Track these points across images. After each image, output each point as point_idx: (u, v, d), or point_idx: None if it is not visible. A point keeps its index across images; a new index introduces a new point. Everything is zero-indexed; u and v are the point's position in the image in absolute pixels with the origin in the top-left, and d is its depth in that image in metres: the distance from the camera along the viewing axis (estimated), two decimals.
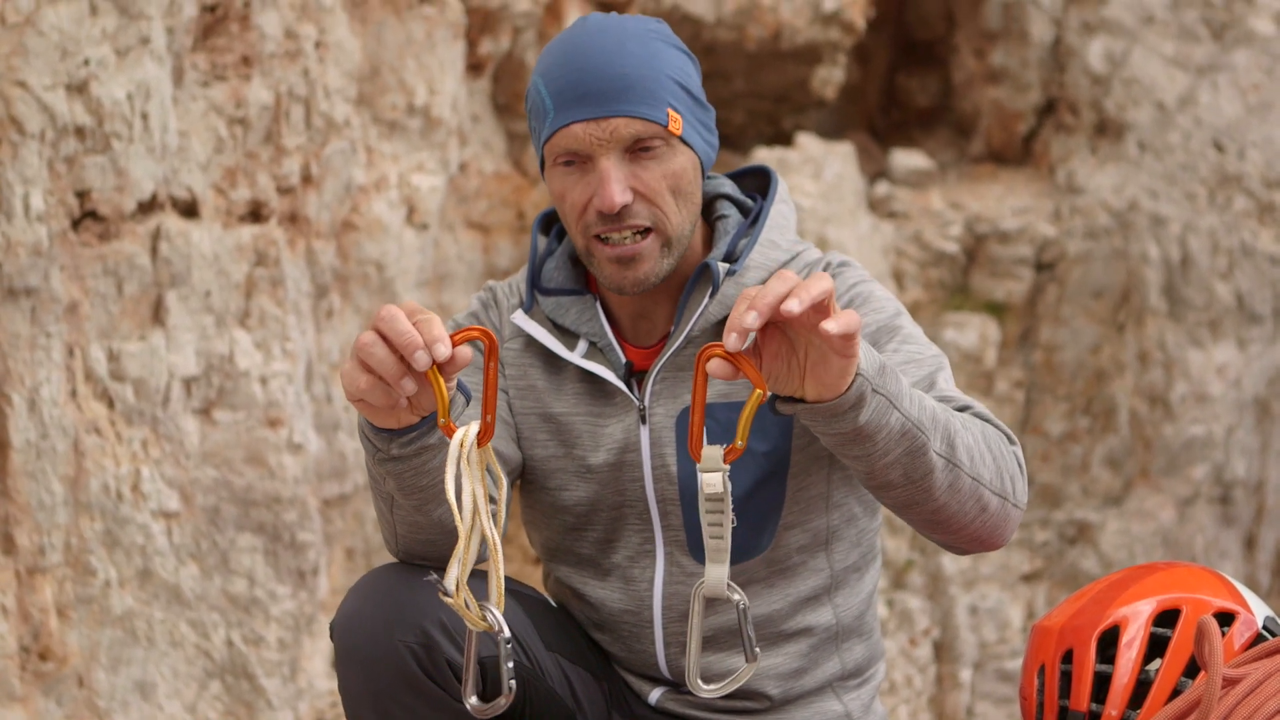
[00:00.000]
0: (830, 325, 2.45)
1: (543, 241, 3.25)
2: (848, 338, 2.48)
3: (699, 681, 2.60)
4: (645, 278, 3.00)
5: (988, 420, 2.91)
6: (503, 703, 2.63)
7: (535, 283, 3.21)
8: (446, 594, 2.58)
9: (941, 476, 2.71)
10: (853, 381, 2.56)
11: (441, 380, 2.58)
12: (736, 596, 2.57)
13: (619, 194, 2.94)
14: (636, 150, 2.97)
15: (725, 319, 3.10)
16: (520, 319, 3.17)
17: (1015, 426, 10.71)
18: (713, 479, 2.54)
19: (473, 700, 2.63)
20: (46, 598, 5.49)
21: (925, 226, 10.55)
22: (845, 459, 2.73)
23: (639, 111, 2.98)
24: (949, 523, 2.82)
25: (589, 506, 3.18)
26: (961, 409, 2.90)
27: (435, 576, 2.59)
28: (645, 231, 2.98)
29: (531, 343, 3.17)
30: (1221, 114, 10.95)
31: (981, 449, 2.77)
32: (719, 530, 2.58)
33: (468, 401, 2.80)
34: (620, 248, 2.97)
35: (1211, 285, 10.62)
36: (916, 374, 2.93)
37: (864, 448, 2.65)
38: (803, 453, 3.08)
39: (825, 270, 3.09)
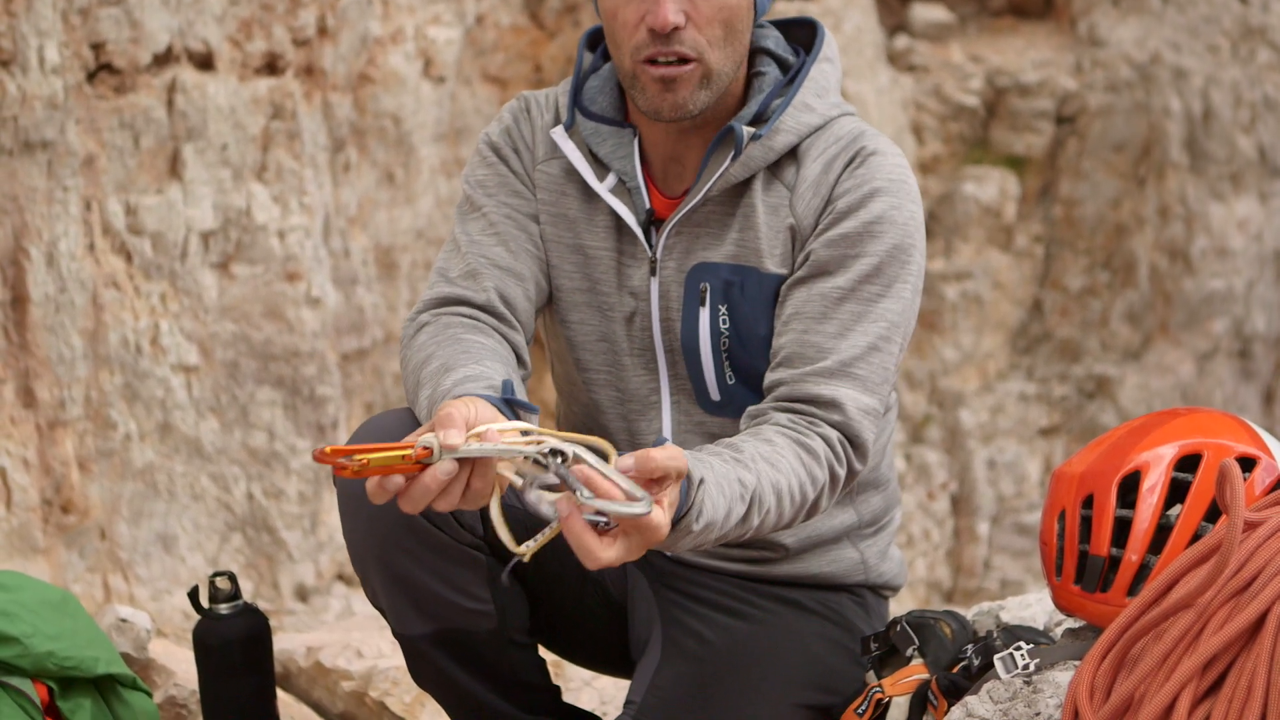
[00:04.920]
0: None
1: (588, 58, 3.21)
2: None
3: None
4: (683, 103, 2.95)
5: (843, 422, 2.88)
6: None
7: (577, 100, 3.17)
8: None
9: (744, 537, 2.77)
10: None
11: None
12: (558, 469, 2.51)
13: (673, 14, 2.90)
14: None
15: (747, 180, 3.07)
16: (559, 136, 3.13)
17: (1034, 281, 10.70)
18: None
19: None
20: (67, 451, 5.51)
21: (945, 80, 10.49)
22: None
23: None
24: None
25: (606, 347, 3.17)
26: (823, 403, 2.87)
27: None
28: (686, 61, 2.94)
29: (571, 168, 3.13)
30: None
31: (794, 505, 2.78)
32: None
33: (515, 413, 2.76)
34: (665, 69, 2.93)
35: (1233, 139, 10.57)
36: (839, 331, 2.90)
37: None
38: None
39: (854, 160, 3.04)
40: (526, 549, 2.46)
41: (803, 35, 3.23)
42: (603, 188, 3.14)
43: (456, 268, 3.12)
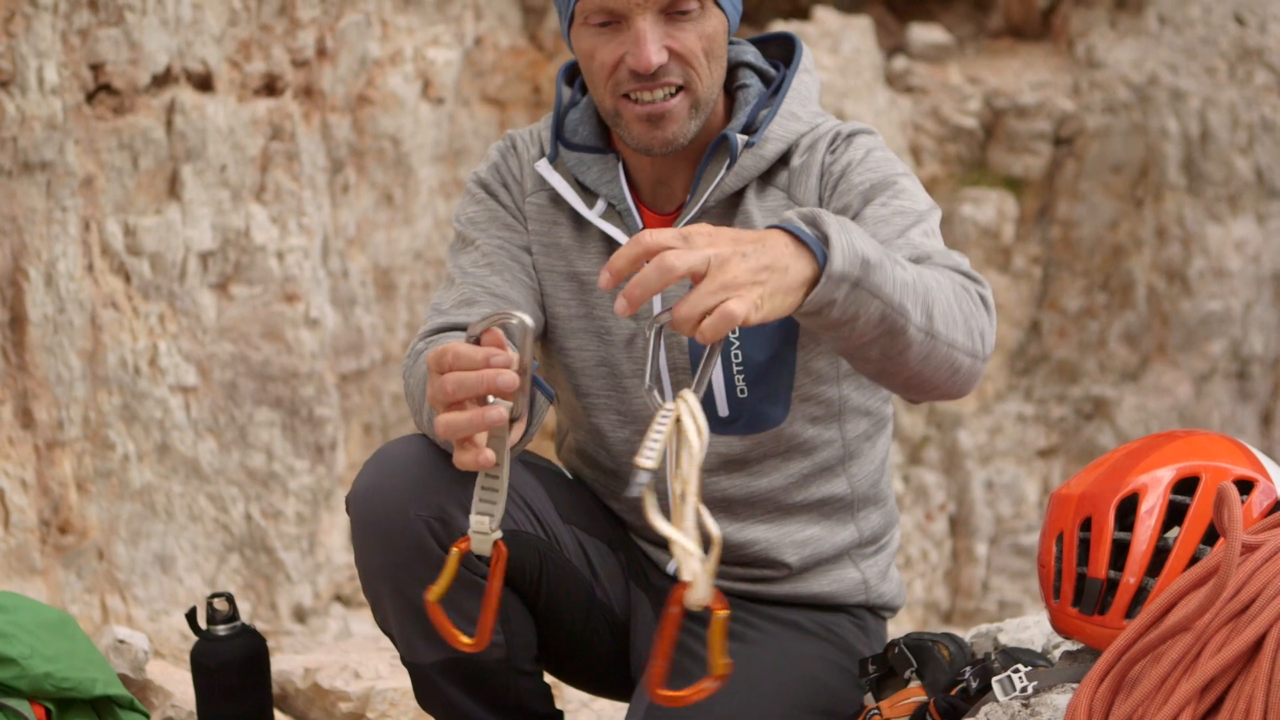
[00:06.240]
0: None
1: (567, 92, 3.23)
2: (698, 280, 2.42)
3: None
4: (674, 138, 2.97)
5: (959, 270, 2.85)
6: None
7: (559, 133, 3.18)
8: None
9: (919, 349, 2.67)
10: (813, 288, 2.50)
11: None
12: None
13: (655, 54, 2.91)
14: (672, 12, 2.95)
15: (742, 190, 3.09)
16: (544, 169, 3.15)
17: (1032, 302, 10.71)
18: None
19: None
20: (66, 471, 5.51)
21: (943, 101, 10.49)
22: (824, 339, 2.69)
23: None
24: (921, 386, 2.79)
25: (606, 371, 3.17)
26: (925, 258, 2.85)
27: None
28: (677, 91, 2.96)
29: (560, 198, 3.15)
30: None
31: (955, 311, 2.70)
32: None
33: (550, 400, 2.79)
34: (650, 106, 2.94)
35: (1231, 160, 10.57)
36: (900, 224, 2.91)
37: (841, 332, 2.61)
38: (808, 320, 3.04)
39: (836, 140, 3.07)
40: (649, 458, 2.34)
41: (778, 50, 3.26)
42: (593, 214, 3.15)
43: (450, 299, 3.14)
